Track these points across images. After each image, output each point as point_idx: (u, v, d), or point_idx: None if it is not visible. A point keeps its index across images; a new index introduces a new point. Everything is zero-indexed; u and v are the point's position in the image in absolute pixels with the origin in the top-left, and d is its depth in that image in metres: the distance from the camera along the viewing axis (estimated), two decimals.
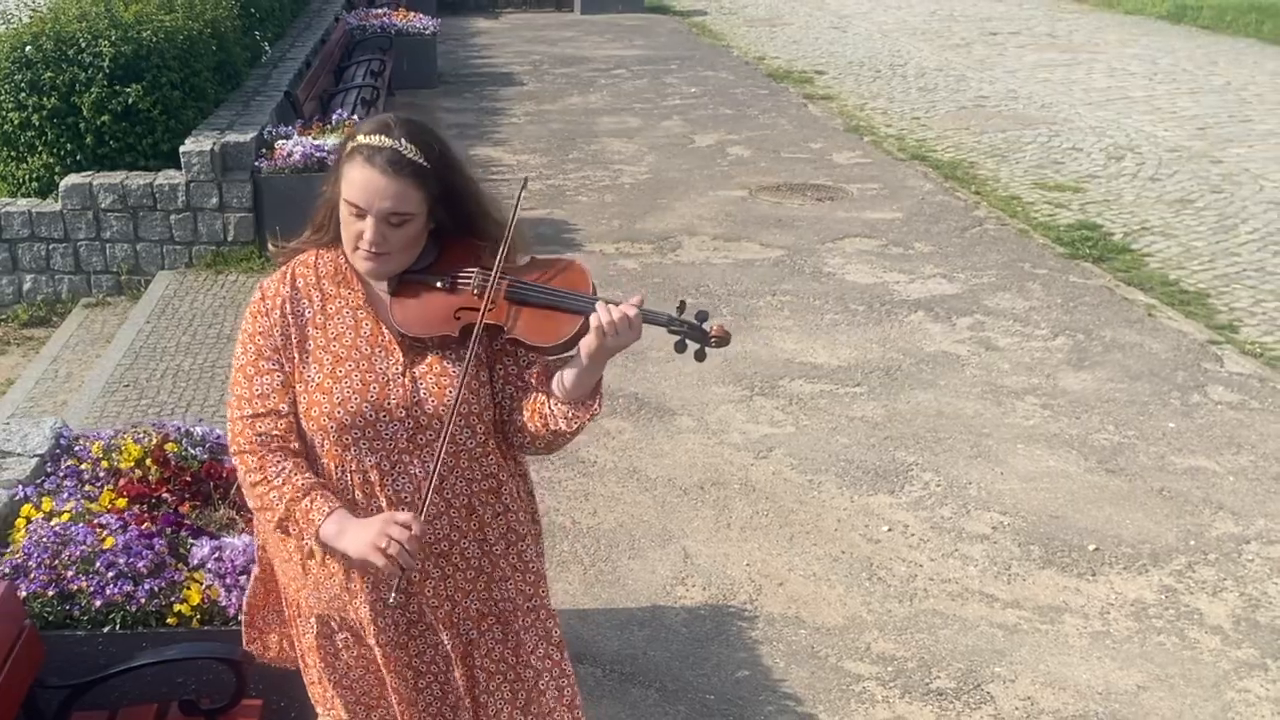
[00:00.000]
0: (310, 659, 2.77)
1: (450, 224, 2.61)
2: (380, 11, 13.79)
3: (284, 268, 2.70)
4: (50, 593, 3.21)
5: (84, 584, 3.22)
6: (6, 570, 3.26)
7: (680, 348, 2.53)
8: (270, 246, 2.91)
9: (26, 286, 7.96)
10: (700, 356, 2.52)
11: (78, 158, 7.99)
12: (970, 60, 15.62)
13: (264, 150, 8.07)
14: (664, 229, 8.71)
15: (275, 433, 2.55)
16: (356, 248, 2.51)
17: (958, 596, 4.59)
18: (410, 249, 2.56)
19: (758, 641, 4.31)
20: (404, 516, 2.42)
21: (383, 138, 2.47)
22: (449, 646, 2.69)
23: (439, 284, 2.56)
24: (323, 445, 2.55)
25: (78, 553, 3.27)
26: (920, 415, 5.99)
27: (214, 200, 7.89)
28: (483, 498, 2.63)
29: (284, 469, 2.52)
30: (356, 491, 2.57)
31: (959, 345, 6.82)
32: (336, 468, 2.56)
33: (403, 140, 2.47)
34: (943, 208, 9.38)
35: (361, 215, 2.47)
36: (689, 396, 6.05)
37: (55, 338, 7.43)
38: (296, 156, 7.89)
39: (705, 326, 2.51)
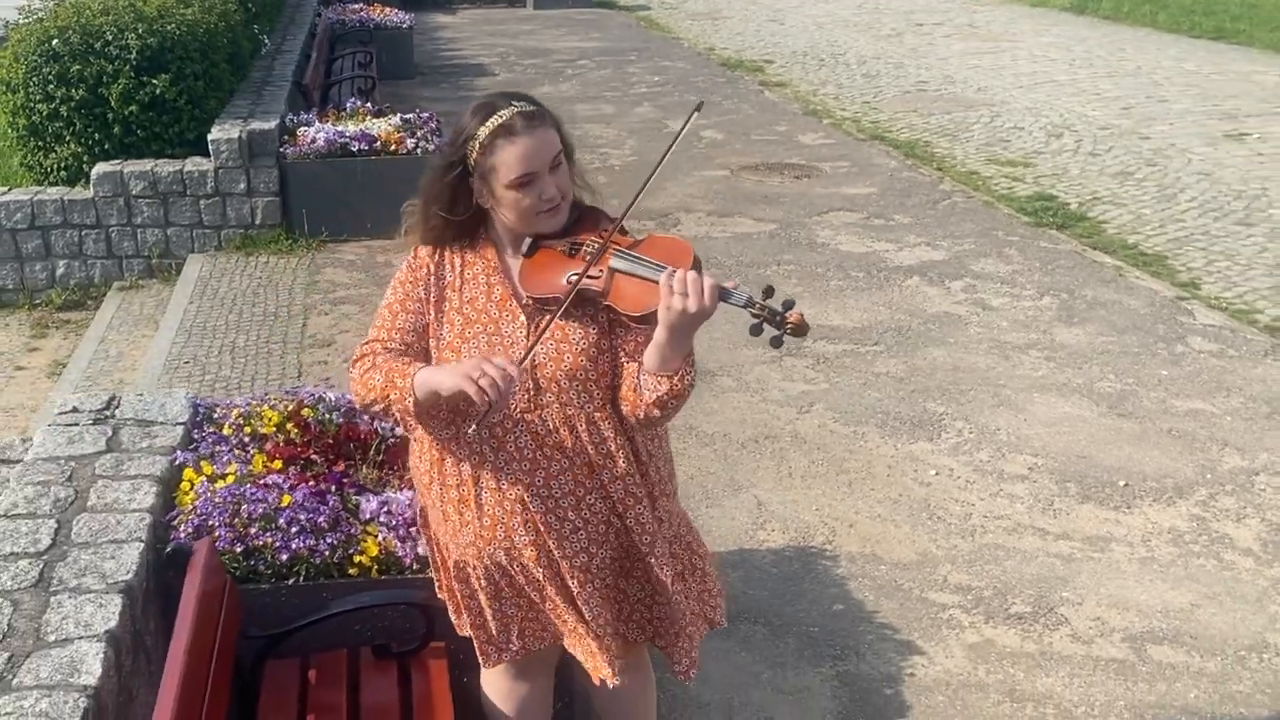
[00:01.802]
0: (452, 601, 2.80)
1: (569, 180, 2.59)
2: (357, 6, 13.57)
3: None
4: (237, 549, 3.14)
5: (269, 540, 3.15)
6: (189, 530, 3.18)
7: (756, 331, 2.40)
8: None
9: (60, 272, 7.74)
10: (777, 343, 2.39)
11: (105, 147, 7.77)
12: (904, 49, 15.76)
13: (286, 137, 7.91)
14: (661, 207, 8.69)
15: (393, 350, 2.58)
16: (537, 213, 2.51)
17: (1013, 531, 4.67)
18: (569, 194, 2.56)
19: (844, 578, 4.34)
20: (500, 359, 2.37)
21: (501, 113, 2.47)
22: (600, 584, 2.68)
23: (562, 249, 2.55)
24: (455, 400, 2.51)
25: (258, 511, 3.20)
26: (939, 370, 6.07)
27: (242, 185, 7.73)
28: (601, 460, 2.59)
29: (397, 358, 2.55)
30: (484, 446, 2.57)
31: (958, 306, 6.91)
32: (466, 421, 2.55)
33: (513, 102, 2.49)
34: (911, 183, 9.48)
35: (531, 182, 2.46)
36: (724, 359, 6.06)
37: (97, 320, 7.24)
38: (320, 142, 7.75)
39: (785, 313, 2.38)
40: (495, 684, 2.96)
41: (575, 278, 2.49)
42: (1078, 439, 5.38)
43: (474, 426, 2.47)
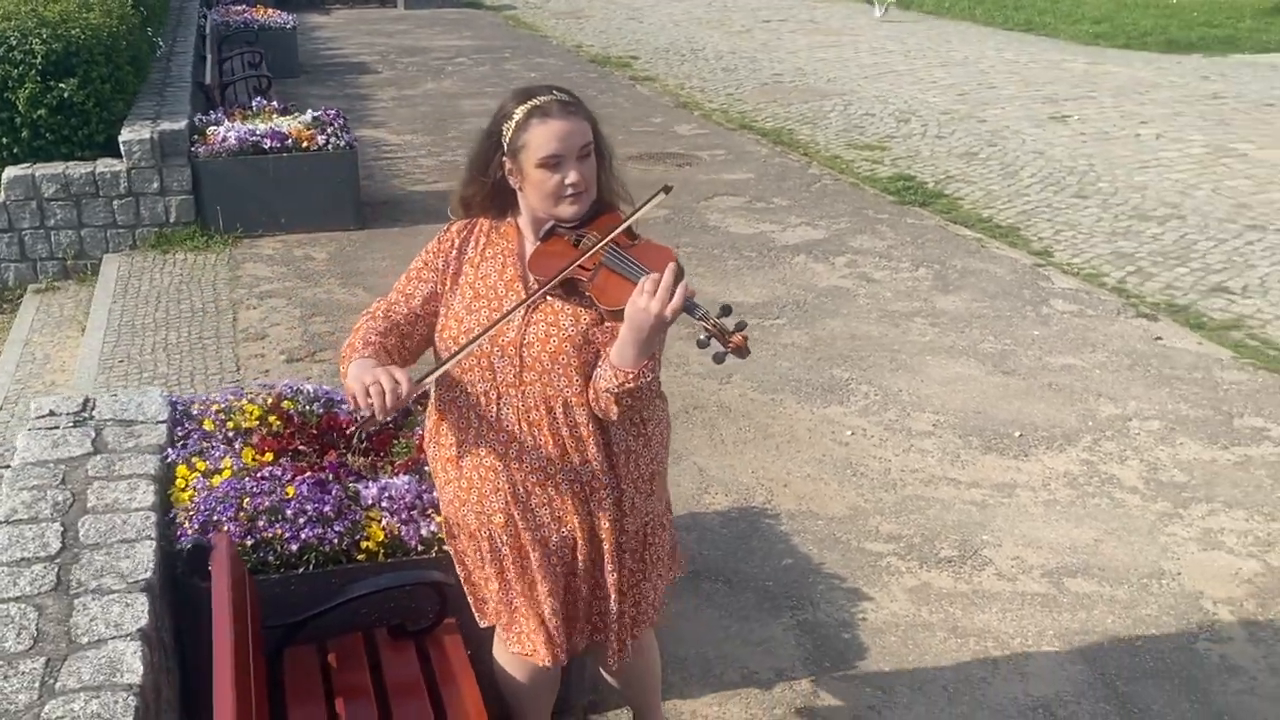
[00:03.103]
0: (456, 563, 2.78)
1: (598, 174, 2.56)
2: (240, 8, 13.05)
3: (471, 220, 2.68)
4: (248, 542, 3.00)
5: (278, 531, 3.02)
6: (195, 527, 3.03)
7: (702, 345, 2.33)
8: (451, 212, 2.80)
9: None
10: (719, 359, 2.32)
11: (14, 151, 7.30)
12: (756, 44, 15.91)
13: (196, 136, 7.57)
14: None
15: (396, 313, 2.60)
16: (560, 197, 2.48)
17: (929, 483, 4.78)
18: (592, 187, 2.53)
19: (787, 534, 4.39)
20: (401, 374, 2.35)
21: (540, 97, 2.47)
22: (557, 563, 2.66)
23: (570, 239, 2.53)
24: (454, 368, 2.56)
25: (264, 503, 3.06)
26: (838, 339, 6.17)
27: (155, 185, 7.36)
28: (573, 443, 2.57)
29: (369, 333, 2.56)
30: (471, 412, 2.59)
31: (844, 280, 7.03)
32: (459, 388, 2.58)
33: (554, 91, 2.50)
34: (783, 168, 9.59)
35: (559, 165, 2.44)
36: None
37: (18, 323, 6.81)
38: (232, 141, 7.44)
39: (732, 333, 2.29)
40: (506, 653, 2.91)
41: (574, 267, 2.46)
42: (971, 396, 5.53)
43: (351, 430, 2.50)
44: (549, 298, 2.52)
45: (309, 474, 3.23)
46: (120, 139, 7.24)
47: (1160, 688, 3.59)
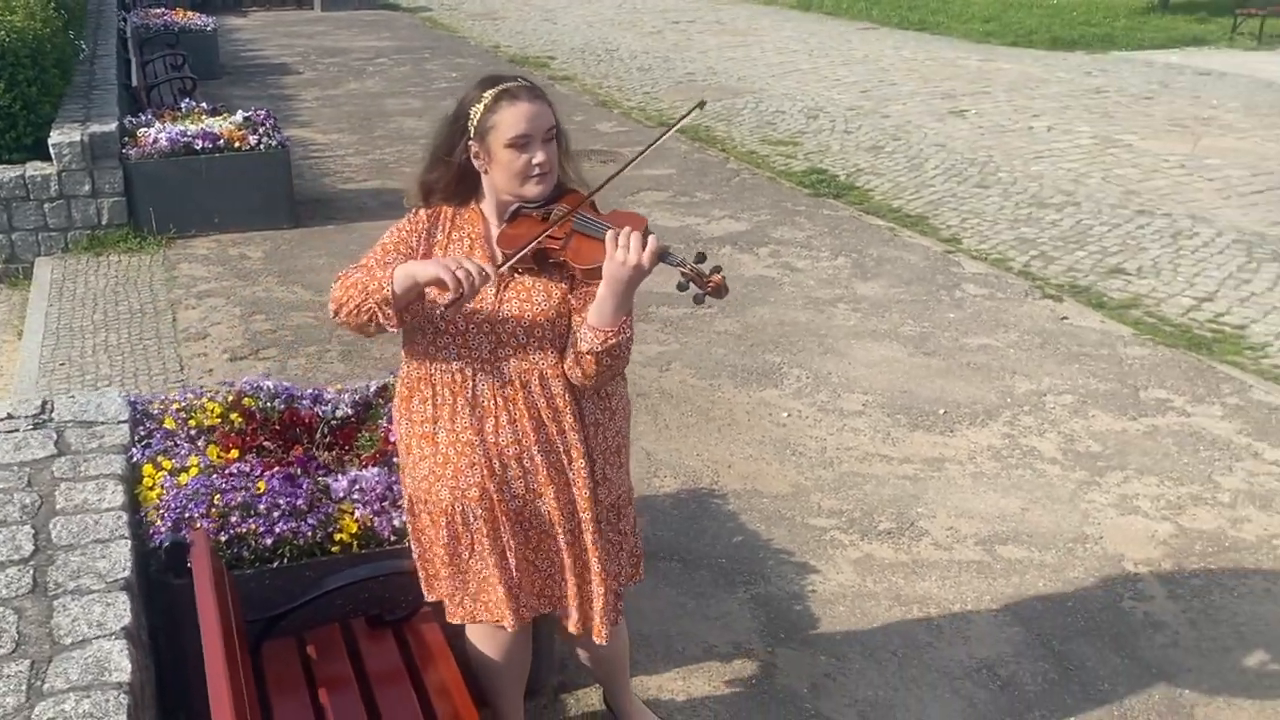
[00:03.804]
0: (412, 539, 2.73)
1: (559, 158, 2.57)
2: (159, 11, 12.67)
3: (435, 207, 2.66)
4: (222, 538, 2.92)
5: (252, 526, 2.94)
6: (168, 525, 2.94)
7: (682, 288, 2.39)
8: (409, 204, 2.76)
9: None
10: (699, 300, 2.39)
11: None
12: (667, 45, 15.93)
13: (126, 138, 7.33)
14: None
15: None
16: (527, 177, 2.48)
17: (863, 459, 4.85)
18: (555, 169, 2.54)
19: (735, 513, 4.41)
20: (477, 261, 2.36)
21: (507, 83, 2.49)
22: (532, 534, 2.65)
23: (537, 214, 2.54)
24: (424, 343, 2.55)
25: (237, 499, 2.98)
26: (768, 325, 6.22)
27: (86, 187, 7.12)
28: (549, 415, 2.57)
29: (375, 269, 2.51)
30: (445, 388, 2.56)
31: (769, 270, 7.09)
32: (432, 363, 2.56)
33: (519, 79, 2.51)
34: (703, 163, 9.63)
35: (526, 145, 2.45)
36: None
37: None
38: (163, 142, 7.23)
39: (710, 275, 2.35)
40: (479, 633, 2.88)
41: (545, 238, 2.47)
42: (896, 377, 5.62)
43: (444, 309, 2.44)
44: (520, 274, 2.53)
45: (278, 469, 3.15)
46: (50, 142, 6.99)
47: (1092, 645, 3.69)
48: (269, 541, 2.94)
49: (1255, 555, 4.20)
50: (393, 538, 3.06)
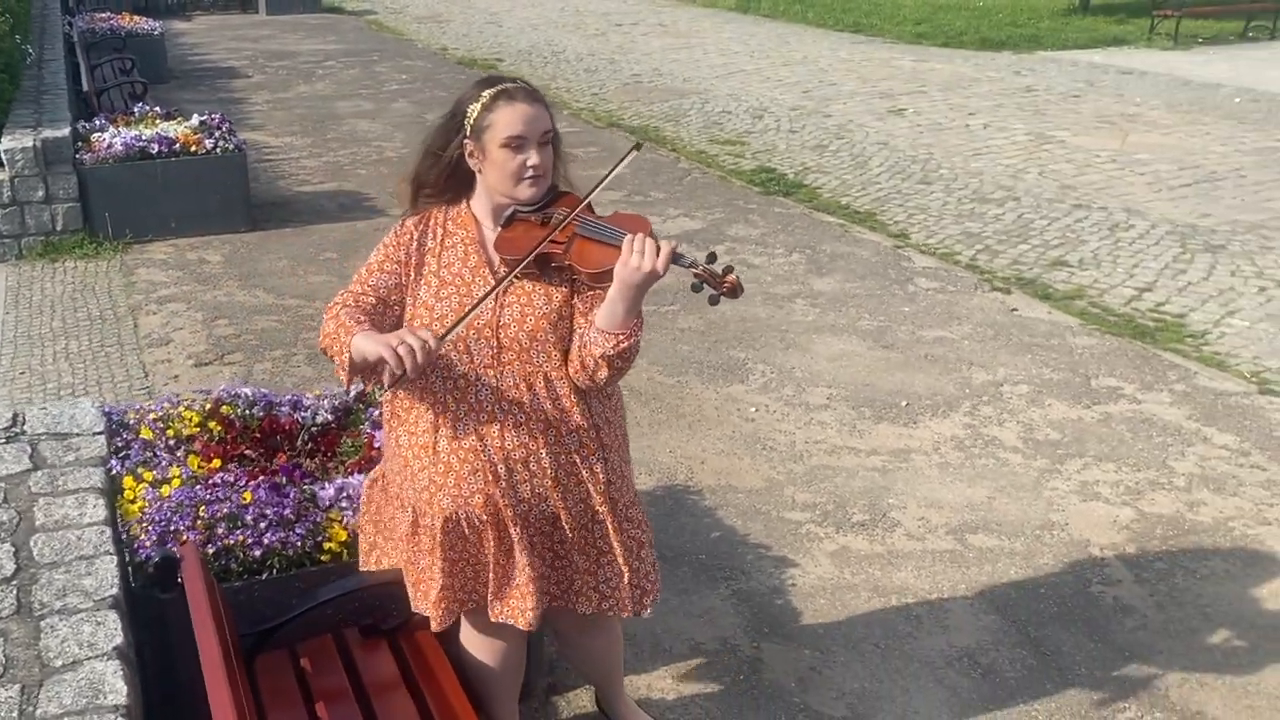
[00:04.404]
0: (407, 549, 2.61)
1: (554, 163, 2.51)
2: (104, 15, 12.28)
3: (423, 214, 2.57)
4: (209, 551, 2.78)
5: (241, 537, 2.81)
6: (153, 538, 2.79)
7: (696, 288, 2.36)
8: (401, 209, 2.67)
9: None
10: (714, 301, 2.37)
11: None
12: (612, 47, 15.82)
13: (80, 143, 7.07)
14: None
15: (365, 302, 2.47)
16: (520, 179, 2.42)
17: (832, 452, 4.81)
18: (549, 172, 2.47)
19: (711, 509, 4.35)
20: (425, 332, 2.27)
21: (506, 83, 2.43)
22: (536, 535, 2.55)
23: (535, 219, 2.46)
24: None
25: (224, 510, 2.85)
26: (730, 322, 6.16)
27: (40, 193, 6.85)
28: (557, 416, 2.50)
29: (353, 315, 2.42)
30: (448, 396, 2.47)
31: None
32: (434, 372, 2.46)
33: (517, 81, 2.46)
34: (655, 163, 9.54)
35: (521, 146, 2.38)
36: None
37: None
38: (118, 147, 6.98)
39: (724, 276, 2.33)
40: (473, 639, 2.79)
41: (547, 243, 2.39)
42: (858, 370, 5.60)
43: (386, 385, 2.34)
44: (519, 279, 2.44)
45: (263, 477, 3.02)
46: (1, 148, 6.70)
47: (1067, 630, 3.68)
48: (258, 553, 2.81)
49: (1213, 538, 4.23)
50: (360, 539, 2.93)
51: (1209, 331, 6.24)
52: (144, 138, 7.02)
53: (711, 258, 2.37)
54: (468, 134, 2.42)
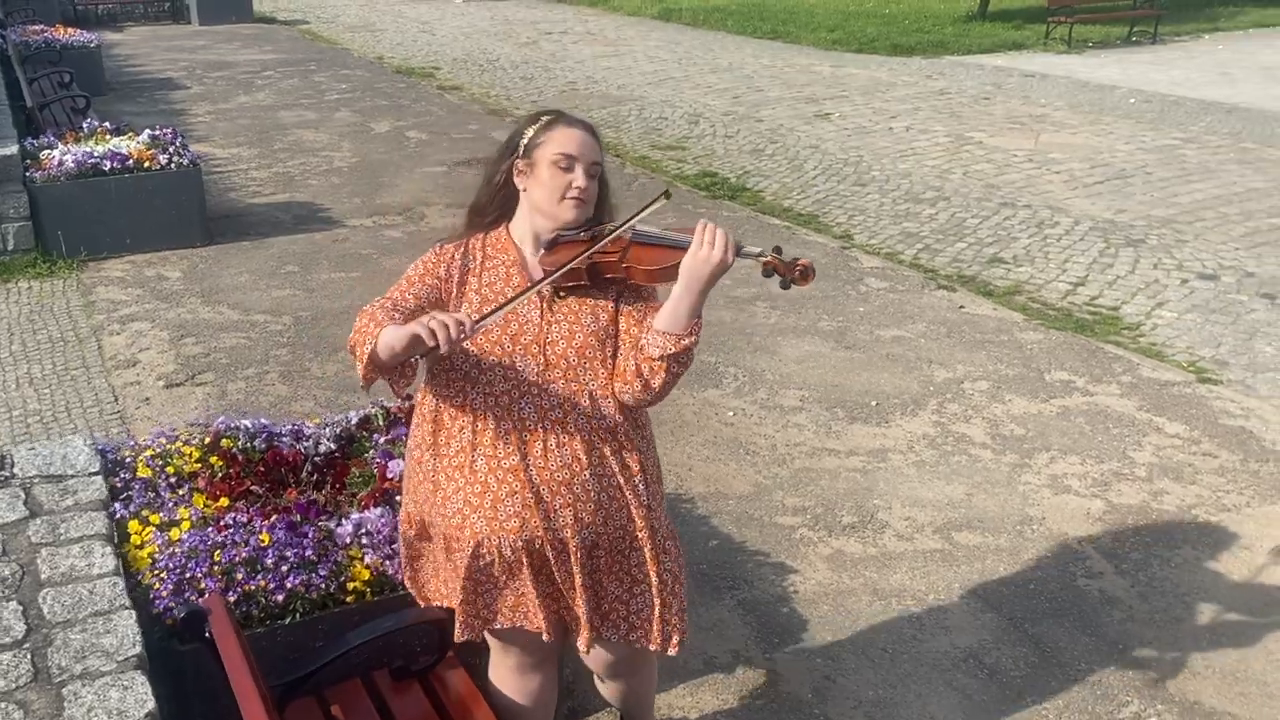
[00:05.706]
0: (442, 574, 2.44)
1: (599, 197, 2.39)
2: (39, 27, 11.60)
3: (460, 240, 2.43)
4: (230, 598, 2.53)
5: (262, 582, 2.56)
6: (169, 587, 2.53)
7: (767, 273, 2.26)
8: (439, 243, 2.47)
9: None
10: (785, 285, 2.27)
11: None
12: (545, 54, 15.52)
13: (28, 161, 6.62)
14: (401, 202, 8.06)
15: (404, 305, 2.30)
16: (564, 197, 2.29)
17: (813, 454, 4.68)
18: (593, 201, 2.35)
19: (705, 517, 4.19)
20: (461, 314, 2.11)
21: (567, 114, 2.36)
22: (574, 563, 2.37)
23: (581, 235, 2.31)
24: (467, 368, 2.29)
25: (241, 554, 2.59)
26: None
27: None
28: (602, 436, 2.33)
29: (389, 313, 2.26)
30: (489, 412, 2.30)
31: None
32: (472, 389, 2.30)
33: (577, 116, 2.38)
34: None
35: (570, 167, 2.27)
36: None
37: None
38: (70, 164, 6.54)
39: (790, 264, 2.24)
40: (504, 677, 2.60)
41: (598, 254, 2.24)
42: (825, 371, 5.48)
43: (419, 359, 2.18)
44: (565, 296, 2.31)
45: (277, 516, 2.77)
46: None
47: (1061, 625, 3.61)
48: (280, 597, 2.57)
49: (1180, 526, 4.20)
50: (406, 583, 2.71)
51: (1143, 323, 6.26)
52: (96, 154, 6.59)
53: (778, 250, 2.27)
54: (520, 154, 2.33)
